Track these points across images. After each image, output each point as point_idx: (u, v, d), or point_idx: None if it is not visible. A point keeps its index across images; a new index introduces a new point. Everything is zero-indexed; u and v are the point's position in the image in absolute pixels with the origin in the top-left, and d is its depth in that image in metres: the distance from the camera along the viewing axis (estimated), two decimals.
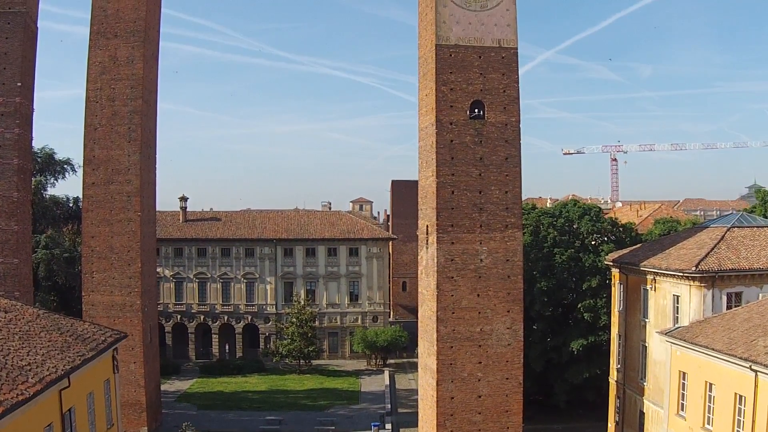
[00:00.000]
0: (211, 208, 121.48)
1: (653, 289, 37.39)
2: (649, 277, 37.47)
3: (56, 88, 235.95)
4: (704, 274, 33.59)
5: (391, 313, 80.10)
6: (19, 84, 39.71)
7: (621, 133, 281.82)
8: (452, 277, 35.48)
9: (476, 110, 36.07)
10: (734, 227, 37.58)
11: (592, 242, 45.75)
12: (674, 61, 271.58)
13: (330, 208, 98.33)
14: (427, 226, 36.98)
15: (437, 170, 35.42)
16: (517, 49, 37.03)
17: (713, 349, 28.95)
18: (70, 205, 52.32)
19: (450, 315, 35.43)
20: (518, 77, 36.89)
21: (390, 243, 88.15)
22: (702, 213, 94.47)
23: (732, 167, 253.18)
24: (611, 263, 41.61)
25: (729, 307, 34.19)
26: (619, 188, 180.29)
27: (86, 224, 44.71)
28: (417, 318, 40.03)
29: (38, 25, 42.17)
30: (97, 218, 44.47)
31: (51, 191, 58.28)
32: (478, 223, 35.72)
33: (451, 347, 35.49)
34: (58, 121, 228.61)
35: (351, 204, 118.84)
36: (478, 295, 35.69)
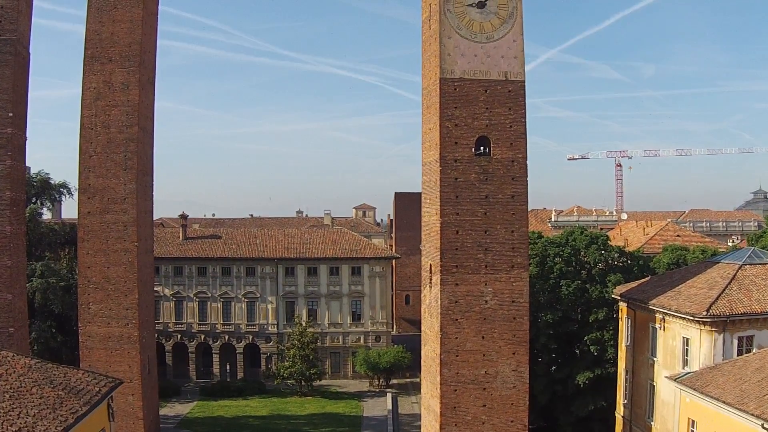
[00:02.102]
0: (213, 214, 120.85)
1: (662, 328, 36.46)
2: (658, 315, 36.54)
3: (58, 87, 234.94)
4: (716, 319, 32.68)
5: (394, 326, 79.35)
6: (10, 114, 38.51)
7: (624, 132, 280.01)
8: (456, 320, 34.61)
9: (482, 147, 35.04)
10: (746, 265, 36.55)
11: (600, 272, 44.74)
12: (677, 61, 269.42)
13: (332, 217, 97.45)
14: (431, 266, 36.03)
15: (441, 209, 34.45)
16: (524, 82, 35.93)
17: (724, 402, 28.16)
18: (67, 230, 51.35)
19: (454, 358, 34.60)
20: (525, 111, 35.80)
21: (394, 251, 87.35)
22: (708, 225, 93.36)
23: (737, 172, 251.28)
24: (619, 297, 40.64)
25: (740, 351, 33.36)
26: (623, 194, 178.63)
27: (82, 254, 43.72)
28: (420, 331, 39.42)
29: (30, 50, 41.01)
30: (93, 248, 43.45)
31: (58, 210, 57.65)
32: (483, 263, 34.78)
33: (455, 390, 34.69)
34: (60, 120, 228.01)
35: (354, 210, 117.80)
36: (483, 338, 34.85)
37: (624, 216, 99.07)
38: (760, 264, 36.82)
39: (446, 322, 34.44)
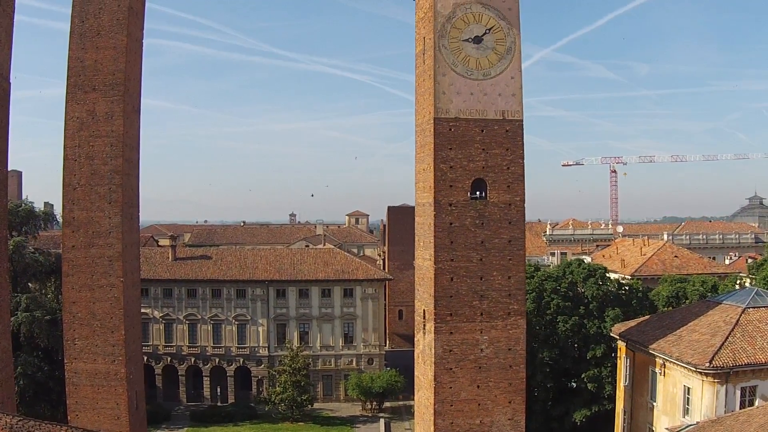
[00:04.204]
0: (206, 221, 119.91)
1: (662, 374, 35.58)
2: (659, 360, 35.64)
3: (51, 86, 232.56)
4: (719, 370, 31.80)
5: (387, 342, 78.37)
6: None
7: (619, 131, 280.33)
8: (451, 369, 33.60)
9: (478, 190, 33.84)
10: (749, 308, 35.64)
11: (598, 305, 43.74)
12: (671, 60, 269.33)
13: (324, 225, 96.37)
14: (424, 311, 34.95)
15: (435, 255, 33.31)
16: (522, 120, 34.71)
17: None
18: (52, 260, 50.02)
19: (448, 408, 33.61)
20: (523, 152, 34.62)
21: (387, 265, 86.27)
22: (704, 237, 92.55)
23: (732, 178, 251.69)
24: (618, 337, 39.72)
25: (743, 402, 32.57)
26: (618, 201, 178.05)
27: (67, 289, 42.41)
28: (413, 346, 38.46)
29: (10, 81, 39.35)
30: (78, 283, 42.12)
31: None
32: (478, 311, 33.73)
33: None
34: (58, 119, 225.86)
35: (347, 217, 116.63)
36: (478, 387, 33.89)
37: (620, 229, 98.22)
38: (764, 307, 35.89)
39: (440, 371, 33.44)
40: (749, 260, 71.85)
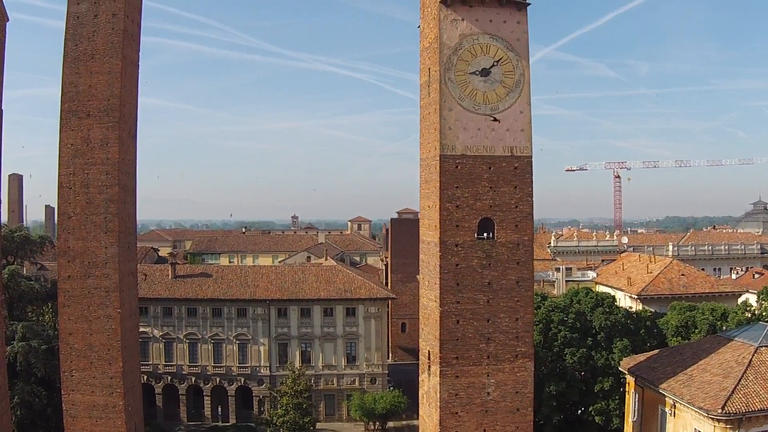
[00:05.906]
0: (206, 226, 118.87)
1: (672, 414, 34.74)
2: (669, 401, 34.78)
3: (53, 85, 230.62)
4: (731, 417, 30.97)
5: (390, 355, 77.62)
6: None
7: (619, 130, 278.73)
8: (456, 413, 32.80)
9: (485, 230, 32.82)
10: (762, 347, 34.78)
11: (605, 336, 42.81)
12: (671, 59, 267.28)
13: (327, 231, 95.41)
14: (429, 353, 34.07)
15: (441, 298, 32.39)
16: (531, 157, 33.64)
17: None
18: (48, 286, 49.12)
19: None
20: (532, 190, 33.57)
21: (390, 278, 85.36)
22: (710, 248, 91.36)
23: (737, 181, 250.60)
24: (627, 372, 38.84)
25: None
26: (622, 206, 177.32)
27: (63, 320, 41.51)
28: (417, 360, 37.63)
29: (2, 107, 38.31)
30: (74, 314, 41.24)
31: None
32: (485, 354, 32.87)
33: None
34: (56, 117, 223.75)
35: (349, 223, 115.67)
36: (485, 431, 33.06)
37: (625, 239, 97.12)
38: None
39: (445, 415, 32.64)
40: (756, 276, 71.07)
